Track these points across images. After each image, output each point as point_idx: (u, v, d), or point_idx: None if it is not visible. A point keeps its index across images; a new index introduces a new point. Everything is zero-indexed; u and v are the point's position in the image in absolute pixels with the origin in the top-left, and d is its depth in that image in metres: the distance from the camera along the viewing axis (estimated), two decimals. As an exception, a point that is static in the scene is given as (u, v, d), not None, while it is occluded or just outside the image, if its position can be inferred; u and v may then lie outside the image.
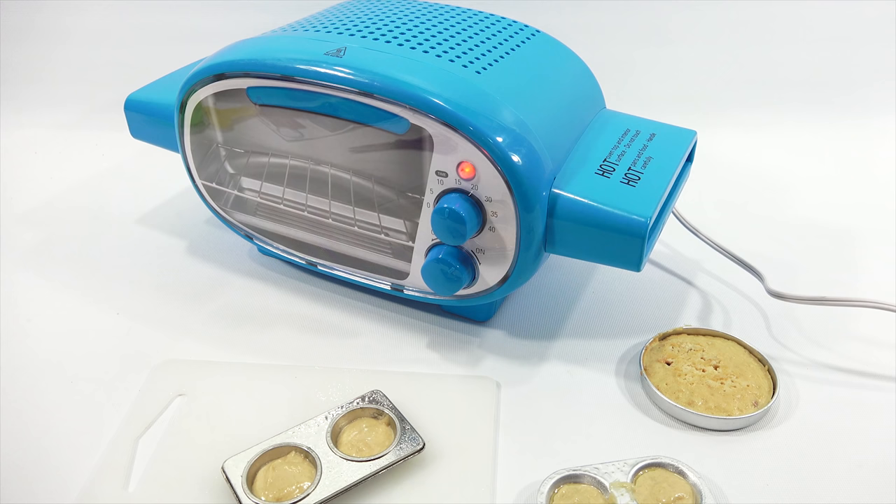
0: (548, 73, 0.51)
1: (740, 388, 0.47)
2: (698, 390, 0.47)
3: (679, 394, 0.47)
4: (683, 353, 0.50)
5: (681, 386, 0.48)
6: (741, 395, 0.47)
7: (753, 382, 0.48)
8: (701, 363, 0.49)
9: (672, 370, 0.49)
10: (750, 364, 0.49)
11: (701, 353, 0.50)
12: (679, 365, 0.49)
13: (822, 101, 0.86)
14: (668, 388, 0.48)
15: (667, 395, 0.47)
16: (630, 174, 0.47)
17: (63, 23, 0.94)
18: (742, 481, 0.42)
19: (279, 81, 0.47)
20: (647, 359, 0.50)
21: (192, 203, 0.69)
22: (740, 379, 0.48)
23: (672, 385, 0.48)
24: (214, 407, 0.47)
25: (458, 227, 0.44)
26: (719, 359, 0.49)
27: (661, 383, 0.48)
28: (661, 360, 0.50)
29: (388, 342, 0.53)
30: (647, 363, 0.50)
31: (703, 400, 0.46)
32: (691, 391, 0.47)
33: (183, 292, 0.58)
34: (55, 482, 0.42)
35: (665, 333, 0.52)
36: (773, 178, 0.74)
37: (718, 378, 0.48)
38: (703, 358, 0.50)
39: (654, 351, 0.51)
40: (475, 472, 0.43)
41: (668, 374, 0.49)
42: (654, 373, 0.49)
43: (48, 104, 0.88)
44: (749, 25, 0.90)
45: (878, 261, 0.62)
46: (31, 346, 0.52)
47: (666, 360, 0.50)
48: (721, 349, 0.50)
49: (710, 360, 0.49)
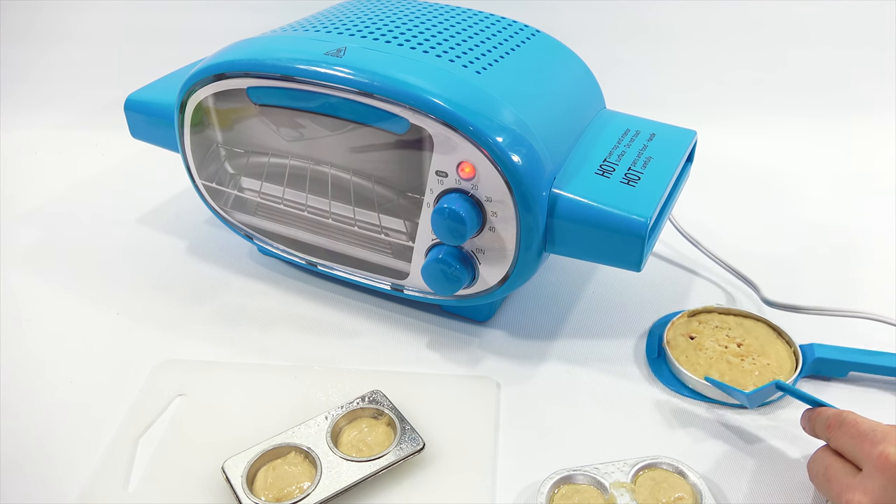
0: (548, 73, 0.51)
1: (760, 365, 0.47)
2: (716, 365, 0.48)
3: (697, 367, 0.48)
4: (709, 330, 0.51)
5: (700, 359, 0.48)
6: (760, 372, 0.47)
7: (775, 362, 0.48)
8: (724, 340, 0.50)
9: (694, 344, 0.49)
10: (775, 344, 0.49)
11: (727, 330, 0.50)
12: (702, 340, 0.50)
13: (822, 101, 0.86)
14: (686, 360, 0.48)
15: (685, 367, 0.47)
16: (630, 174, 0.47)
17: (63, 23, 0.94)
18: (742, 481, 0.42)
19: (279, 81, 0.47)
20: (672, 333, 0.51)
21: (192, 203, 0.69)
22: (762, 357, 0.48)
23: (691, 358, 0.48)
24: (214, 407, 0.47)
25: (458, 227, 0.44)
26: (744, 337, 0.50)
27: (681, 356, 0.49)
28: (685, 335, 0.50)
29: (388, 342, 0.53)
30: (670, 337, 0.50)
31: (719, 374, 0.47)
32: (709, 365, 0.48)
33: (183, 292, 0.58)
34: (55, 482, 0.42)
35: (695, 310, 0.52)
36: (773, 178, 0.74)
37: (739, 355, 0.48)
38: (727, 335, 0.50)
39: (680, 326, 0.51)
40: (475, 472, 0.43)
41: (689, 347, 0.49)
42: (676, 346, 0.49)
43: (48, 104, 0.88)
44: (749, 25, 0.90)
45: (878, 261, 0.61)
46: (30, 346, 0.52)
47: (690, 335, 0.50)
48: (748, 329, 0.51)
49: (735, 338, 0.50)
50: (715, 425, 0.46)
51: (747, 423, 0.46)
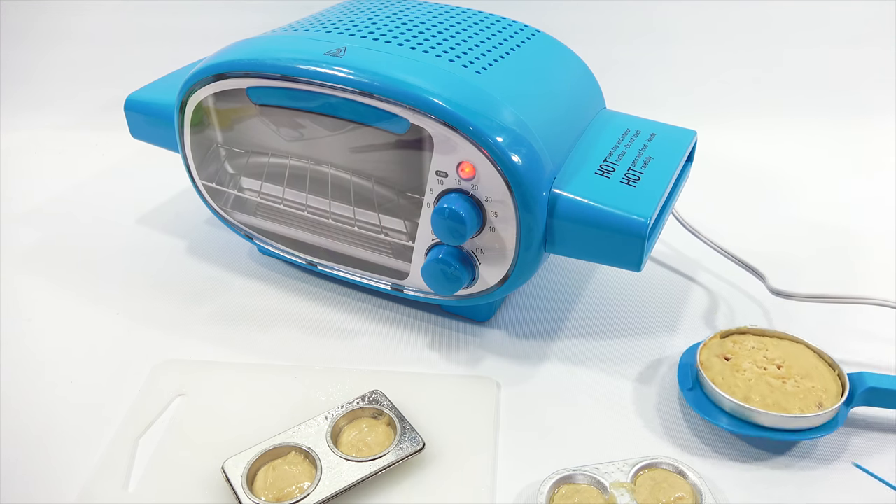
0: (548, 73, 0.51)
1: (804, 388, 0.44)
2: (757, 387, 0.44)
3: (735, 389, 0.44)
4: (745, 351, 0.47)
5: (738, 381, 0.44)
6: (805, 395, 0.43)
7: (820, 385, 0.44)
8: (763, 361, 0.46)
9: (730, 366, 0.46)
10: (818, 367, 0.46)
11: (764, 351, 0.47)
12: (739, 361, 0.46)
13: (822, 100, 0.86)
14: (724, 382, 0.44)
15: (722, 390, 0.44)
16: (630, 174, 0.47)
17: (63, 23, 0.94)
18: (743, 481, 0.43)
19: (279, 81, 0.47)
20: (705, 354, 0.47)
21: (192, 203, 0.69)
22: (805, 380, 0.44)
23: (729, 380, 0.45)
24: (214, 407, 0.47)
25: (458, 227, 0.44)
26: (784, 359, 0.46)
27: (717, 377, 0.45)
28: (719, 356, 0.46)
29: (388, 342, 0.53)
30: (704, 358, 0.46)
31: (760, 397, 0.43)
32: (749, 388, 0.44)
33: (183, 292, 0.58)
34: (55, 482, 0.42)
35: (727, 331, 0.49)
36: (773, 178, 0.74)
37: (781, 377, 0.44)
38: (765, 356, 0.46)
39: (713, 347, 0.47)
40: (475, 472, 0.43)
41: (725, 368, 0.45)
42: (711, 367, 0.46)
43: (48, 104, 0.88)
44: (749, 25, 0.90)
45: (878, 259, 0.62)
46: (31, 347, 0.52)
47: (725, 356, 0.47)
48: (787, 350, 0.47)
49: (774, 360, 0.46)
50: (715, 425, 0.46)
51: (747, 423, 0.46)
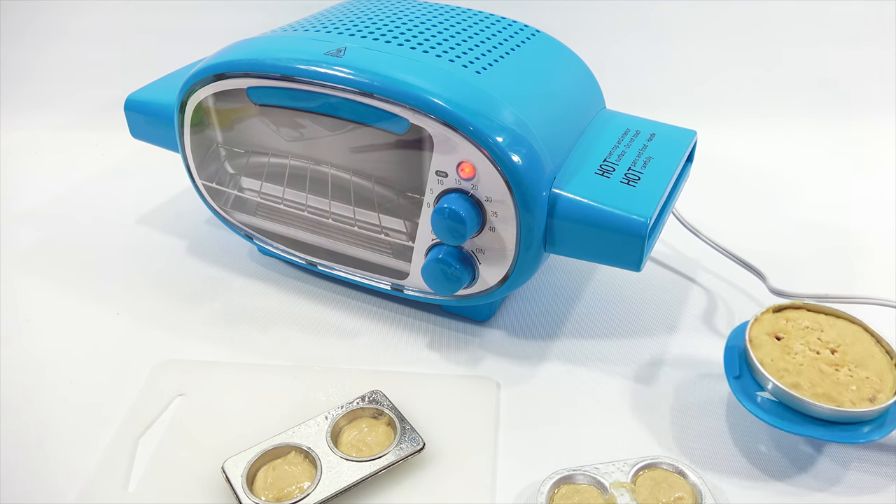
0: (548, 73, 0.51)
1: (858, 378, 0.41)
2: (807, 373, 0.41)
3: (784, 373, 0.41)
4: (798, 330, 0.44)
5: (788, 365, 0.42)
6: (858, 386, 0.40)
7: (875, 375, 0.41)
8: (817, 344, 0.43)
9: (781, 346, 0.43)
10: (875, 354, 0.43)
11: (819, 332, 0.44)
12: (791, 342, 0.43)
13: (822, 100, 0.86)
14: (772, 364, 0.42)
15: (770, 373, 0.41)
16: (630, 174, 0.47)
17: (62, 23, 0.94)
18: (743, 481, 0.43)
19: (279, 81, 0.47)
20: (756, 330, 0.44)
21: (192, 203, 0.69)
22: (860, 369, 0.41)
23: (778, 362, 0.42)
24: (214, 407, 0.47)
25: (458, 227, 0.44)
26: (839, 343, 0.43)
27: (766, 358, 0.42)
28: (770, 334, 0.44)
29: (388, 342, 0.53)
30: (754, 335, 0.44)
31: (810, 384, 0.41)
32: (799, 372, 0.41)
33: (183, 292, 0.58)
34: (55, 482, 0.42)
35: (781, 305, 0.46)
36: (773, 178, 0.74)
37: (834, 364, 0.42)
38: (819, 339, 0.43)
39: (764, 322, 0.45)
40: (475, 472, 0.43)
41: (775, 349, 0.43)
42: (760, 345, 0.43)
43: (48, 104, 0.88)
44: (749, 25, 0.89)
45: (878, 259, 0.62)
46: (30, 347, 0.52)
47: (776, 335, 0.44)
48: (843, 332, 0.44)
49: (828, 343, 0.43)
50: (715, 425, 0.46)
51: (748, 422, 0.46)
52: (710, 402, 0.48)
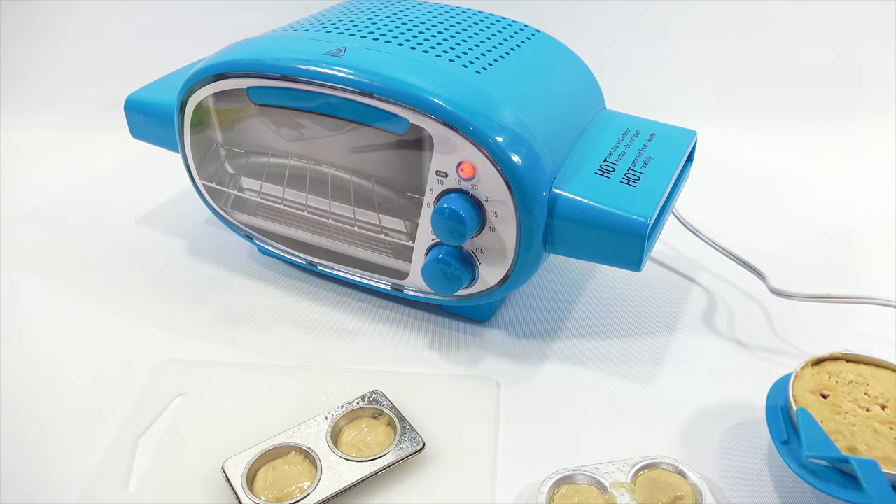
0: (548, 73, 0.51)
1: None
2: (861, 434, 0.38)
3: (838, 437, 0.39)
4: (843, 386, 0.41)
5: (840, 427, 0.39)
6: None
7: None
8: (865, 400, 0.41)
9: (829, 405, 0.40)
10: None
11: (864, 387, 0.41)
12: (838, 400, 0.41)
13: (822, 100, 0.86)
14: (823, 426, 0.39)
15: None
16: (630, 174, 0.47)
17: (62, 23, 0.94)
18: (743, 481, 0.42)
19: (279, 81, 0.47)
20: (799, 388, 0.41)
21: (192, 203, 0.69)
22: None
23: (829, 424, 0.39)
24: (214, 407, 0.47)
25: (458, 227, 0.44)
26: (888, 397, 0.41)
27: (816, 420, 0.40)
28: (815, 391, 0.41)
29: (388, 342, 0.53)
30: (798, 393, 0.41)
31: (867, 446, 0.38)
32: (853, 434, 0.38)
33: (183, 292, 0.58)
34: (55, 482, 0.42)
35: (819, 358, 0.43)
36: (773, 178, 0.74)
37: (888, 422, 0.39)
38: (867, 394, 0.41)
39: (805, 379, 0.42)
40: (475, 472, 0.43)
41: (824, 409, 0.40)
42: (807, 406, 0.40)
43: (48, 104, 0.88)
44: (749, 25, 0.89)
45: (878, 259, 0.62)
46: (30, 347, 0.52)
47: (822, 393, 0.41)
48: (889, 385, 0.42)
49: (877, 398, 0.41)
50: (715, 425, 0.46)
51: (748, 423, 0.46)
52: (710, 402, 0.48)
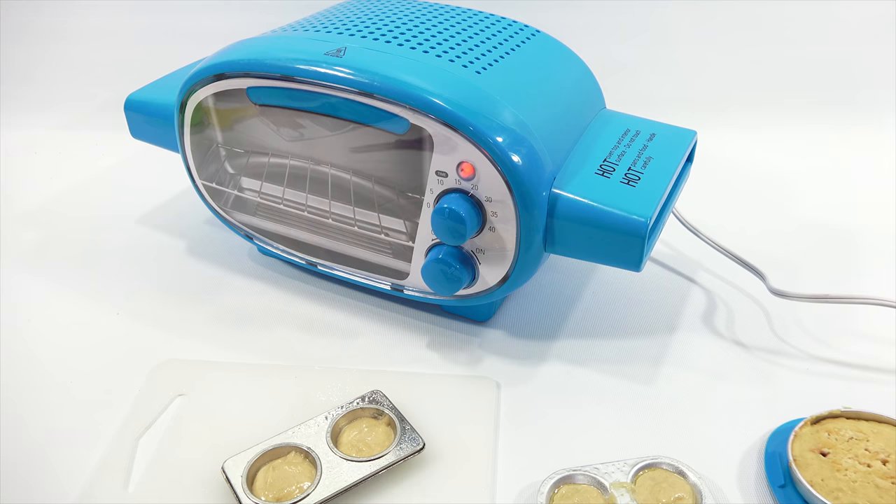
0: (548, 73, 0.51)
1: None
2: (863, 490, 0.39)
3: (839, 494, 0.39)
4: (843, 443, 0.42)
5: (841, 484, 0.39)
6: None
7: None
8: (865, 456, 0.41)
9: (829, 463, 0.40)
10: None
11: (865, 442, 0.42)
12: (838, 457, 0.41)
13: (822, 100, 0.86)
14: (824, 485, 0.39)
15: (823, 495, 0.39)
16: (630, 174, 0.47)
17: (63, 23, 0.94)
18: (742, 481, 0.42)
19: (279, 81, 0.47)
20: (798, 447, 0.42)
21: (192, 203, 0.69)
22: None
23: (829, 482, 0.39)
24: (214, 407, 0.47)
25: (458, 227, 0.44)
26: (888, 452, 0.41)
27: (816, 478, 0.40)
28: (814, 450, 0.41)
29: (388, 342, 0.53)
30: (797, 453, 0.41)
31: (869, 503, 0.38)
32: (853, 490, 0.39)
33: (183, 292, 0.58)
34: (55, 482, 0.42)
35: (818, 416, 0.43)
36: (773, 178, 0.74)
37: (889, 477, 0.39)
38: (867, 450, 0.41)
39: (805, 438, 0.42)
40: (475, 472, 0.43)
41: (824, 467, 0.40)
42: (807, 465, 0.40)
43: (48, 104, 0.88)
44: (749, 25, 0.90)
45: (878, 259, 0.61)
46: (30, 347, 0.52)
47: (821, 451, 0.41)
48: (890, 440, 0.42)
49: (878, 453, 0.41)
50: (715, 425, 0.46)
51: (748, 423, 0.46)
52: (710, 402, 0.48)
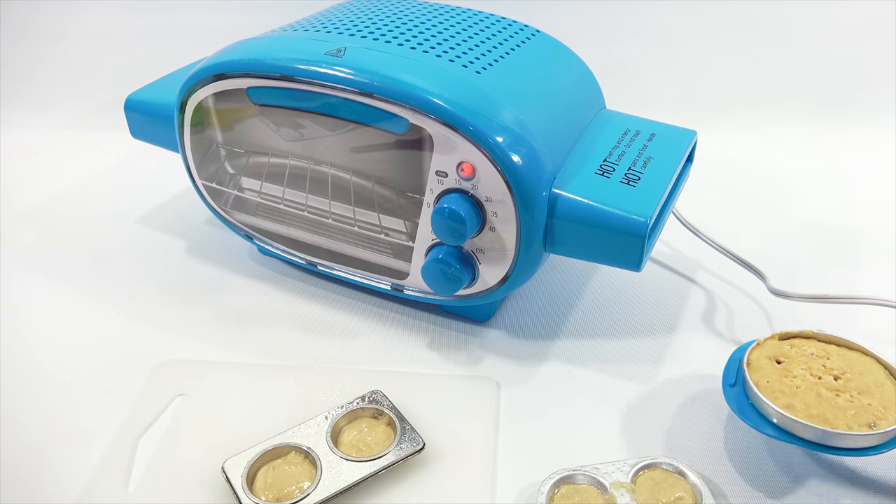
0: (548, 73, 0.51)
1: (858, 404, 0.39)
2: (802, 395, 0.39)
3: (779, 395, 0.39)
4: (802, 356, 0.42)
5: (783, 387, 0.40)
6: (857, 411, 0.38)
7: (878, 403, 0.39)
8: (819, 370, 0.41)
9: (780, 370, 0.41)
10: (884, 385, 0.40)
11: (824, 360, 0.42)
12: (791, 366, 0.42)
13: (822, 100, 0.86)
14: (768, 386, 0.40)
15: (764, 394, 0.40)
16: (630, 174, 0.47)
17: (63, 23, 0.94)
18: (742, 481, 0.43)
19: (279, 81, 0.47)
20: (756, 354, 0.43)
21: (192, 203, 0.69)
22: (863, 396, 0.39)
23: (774, 384, 0.40)
24: (214, 407, 0.47)
25: (458, 227, 0.44)
26: (845, 370, 0.41)
27: (762, 380, 0.41)
28: (771, 358, 0.42)
29: (388, 342, 0.53)
30: (753, 358, 0.42)
31: (804, 405, 0.39)
32: (794, 394, 0.39)
33: (183, 292, 0.58)
34: (55, 482, 0.42)
35: (788, 333, 0.44)
36: (773, 178, 0.74)
37: (835, 389, 0.40)
38: (824, 365, 0.41)
39: (766, 347, 0.43)
40: (475, 472, 0.43)
41: (773, 372, 0.41)
42: (758, 368, 0.42)
43: (48, 104, 0.88)
44: (749, 25, 0.90)
45: (878, 259, 0.62)
46: (30, 347, 0.52)
47: (777, 359, 0.42)
48: (852, 362, 0.42)
49: (832, 370, 0.41)
50: (715, 425, 0.46)
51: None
52: (711, 402, 0.48)
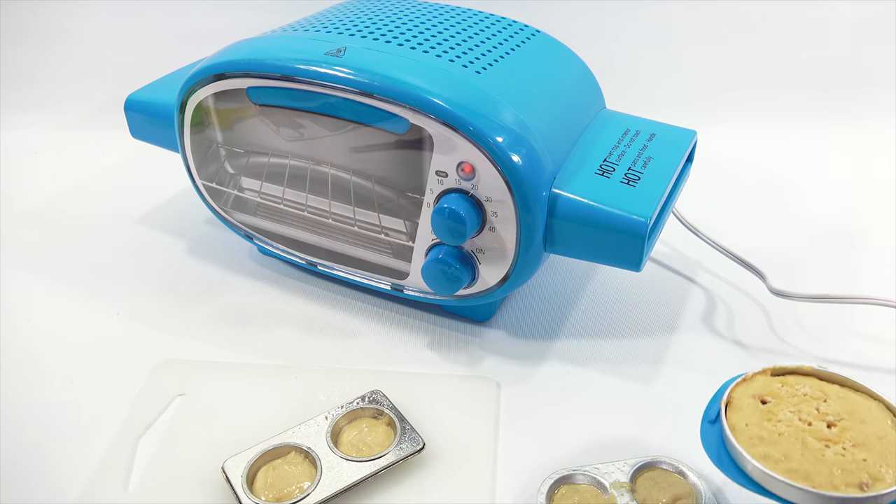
0: (548, 73, 0.51)
1: (851, 459, 0.32)
2: (786, 444, 0.33)
3: (756, 441, 0.33)
4: (793, 397, 0.35)
5: (763, 433, 0.33)
6: (849, 468, 0.31)
7: (876, 459, 0.32)
8: (811, 414, 0.34)
9: (764, 411, 0.35)
10: (888, 437, 0.33)
11: (820, 402, 0.35)
12: (777, 408, 0.35)
13: (822, 100, 0.86)
14: (745, 431, 0.34)
15: (739, 440, 0.33)
16: (630, 174, 0.47)
17: (63, 23, 0.94)
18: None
19: (279, 81, 0.47)
20: (740, 391, 0.36)
21: (192, 203, 0.69)
22: (859, 449, 0.32)
23: (753, 429, 0.34)
24: (214, 407, 0.47)
25: (458, 227, 0.44)
26: (842, 416, 0.34)
27: (741, 422, 0.34)
28: (756, 396, 0.36)
29: (388, 342, 0.53)
30: (735, 396, 0.36)
31: (783, 457, 0.32)
32: (774, 442, 0.33)
33: (183, 292, 0.58)
34: (55, 482, 0.42)
35: (783, 368, 0.37)
36: (773, 178, 0.74)
37: (825, 439, 0.33)
38: (818, 409, 0.34)
39: (754, 383, 0.36)
40: (475, 472, 0.43)
41: (755, 413, 0.35)
42: (740, 408, 0.35)
43: (48, 104, 0.88)
44: (749, 25, 0.90)
45: (878, 259, 0.62)
46: (30, 347, 0.52)
47: (763, 399, 0.35)
48: (853, 406, 0.35)
49: (827, 415, 0.34)
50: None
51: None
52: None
